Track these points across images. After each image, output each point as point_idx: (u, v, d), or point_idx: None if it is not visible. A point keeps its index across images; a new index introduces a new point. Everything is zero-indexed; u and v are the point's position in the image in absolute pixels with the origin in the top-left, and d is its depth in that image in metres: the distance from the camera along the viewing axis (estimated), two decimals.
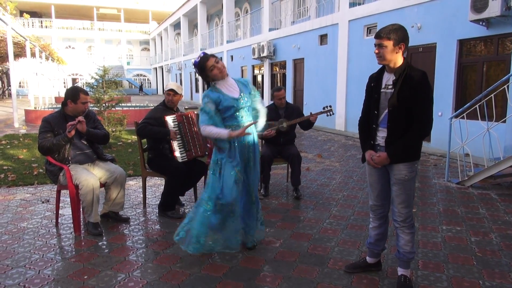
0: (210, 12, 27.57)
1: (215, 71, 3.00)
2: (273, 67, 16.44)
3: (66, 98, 3.68)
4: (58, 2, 41.09)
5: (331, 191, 5.10)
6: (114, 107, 8.92)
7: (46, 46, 23.35)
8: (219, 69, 3.01)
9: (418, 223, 3.88)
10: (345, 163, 6.91)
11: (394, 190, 2.58)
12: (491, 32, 7.03)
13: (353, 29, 10.91)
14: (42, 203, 4.54)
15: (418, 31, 8.53)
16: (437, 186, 5.34)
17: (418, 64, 8.63)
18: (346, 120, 11.42)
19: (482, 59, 7.48)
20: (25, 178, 5.64)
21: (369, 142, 2.66)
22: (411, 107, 2.43)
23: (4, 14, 12.79)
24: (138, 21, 47.02)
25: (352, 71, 11.01)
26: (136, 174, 5.92)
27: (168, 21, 35.20)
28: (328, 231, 3.71)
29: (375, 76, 2.65)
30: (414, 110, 2.42)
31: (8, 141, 9.14)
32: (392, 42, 2.42)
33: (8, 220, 3.98)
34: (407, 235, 2.61)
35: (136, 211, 4.29)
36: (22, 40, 16.22)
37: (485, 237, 3.54)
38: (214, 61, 3.01)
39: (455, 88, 7.88)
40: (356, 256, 3.15)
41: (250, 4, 21.35)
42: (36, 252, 3.22)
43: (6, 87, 32.69)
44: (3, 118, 15.58)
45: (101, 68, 8.61)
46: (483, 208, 4.36)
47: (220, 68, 3.01)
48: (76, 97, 3.65)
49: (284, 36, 14.80)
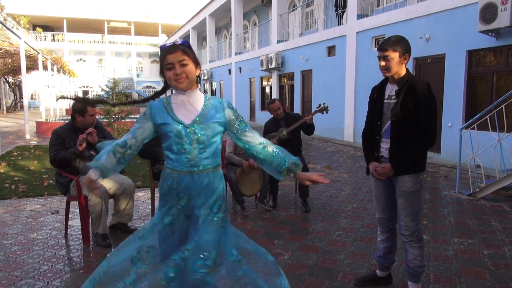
0: (218, 25, 27.89)
1: (169, 74, 1.91)
2: (281, 78, 16.50)
3: (74, 112, 3.72)
4: (70, 16, 41.97)
5: (340, 203, 5.05)
6: (124, 119, 9.01)
7: (58, 59, 23.75)
8: (178, 75, 1.89)
9: (429, 236, 3.82)
10: (354, 175, 6.86)
11: (400, 203, 2.55)
12: (501, 43, 6.99)
13: (361, 41, 10.94)
14: (51, 214, 4.57)
15: (427, 42, 8.51)
16: (448, 198, 5.27)
17: (427, 75, 8.60)
18: (355, 131, 11.37)
19: (492, 70, 7.43)
20: (35, 189, 5.69)
21: (373, 153, 2.64)
22: (414, 118, 2.41)
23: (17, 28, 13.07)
24: (148, 34, 47.71)
25: (360, 83, 11.00)
26: (145, 185, 5.94)
27: (177, 34, 35.68)
28: (337, 243, 3.66)
29: (378, 87, 2.65)
30: (417, 120, 2.41)
31: (20, 153, 9.26)
32: (398, 53, 2.42)
33: (18, 231, 4.01)
34: (415, 249, 2.57)
35: (144, 222, 4.29)
36: (35, 53, 16.54)
37: (498, 250, 3.47)
38: (176, 59, 1.89)
39: (465, 99, 7.82)
40: (366, 269, 3.10)
41: (258, 17, 21.57)
42: (45, 263, 3.23)
43: (18, 99, 33.23)
44: (15, 129, 15.81)
45: (111, 81, 8.73)
46: (495, 221, 4.28)
47: (179, 74, 1.89)
48: (83, 111, 3.69)
49: (292, 48, 14.88)
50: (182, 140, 1.92)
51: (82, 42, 44.47)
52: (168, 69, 1.90)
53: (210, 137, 1.96)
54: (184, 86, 1.93)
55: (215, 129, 1.97)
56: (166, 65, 1.90)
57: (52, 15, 41.35)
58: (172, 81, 1.92)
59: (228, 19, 23.84)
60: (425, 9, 8.58)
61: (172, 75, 1.90)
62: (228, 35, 26.24)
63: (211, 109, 1.98)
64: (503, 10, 6.43)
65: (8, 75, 27.40)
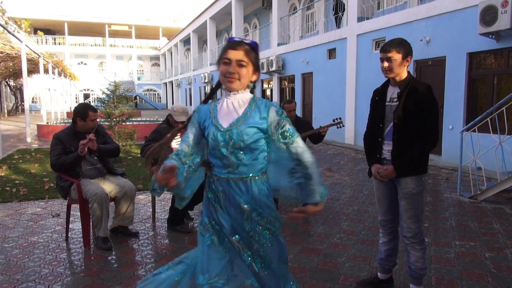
0: (219, 28, 27.96)
1: (223, 68, 1.81)
2: (282, 81, 16.52)
3: (75, 116, 3.72)
4: (71, 20, 42.13)
5: (341, 205, 5.05)
6: (125, 122, 9.02)
7: (59, 62, 23.82)
8: (231, 73, 1.79)
9: (431, 238, 3.81)
10: (355, 177, 6.86)
11: (402, 205, 2.55)
12: (501, 45, 6.99)
13: (362, 43, 10.95)
14: (52, 217, 4.57)
15: (427, 44, 8.52)
16: (449, 200, 5.26)
17: (427, 77, 8.61)
18: (356, 134, 11.37)
19: (492, 72, 7.43)
20: (36, 193, 5.69)
21: (375, 156, 2.65)
22: (416, 120, 2.42)
23: (19, 32, 13.12)
24: (148, 37, 47.84)
25: (361, 85, 11.01)
26: (146, 188, 5.94)
27: (178, 37, 35.76)
28: (339, 246, 3.66)
29: (380, 90, 2.66)
30: (419, 122, 2.42)
31: (21, 156, 9.27)
32: (401, 55, 2.44)
33: (19, 234, 4.01)
34: (417, 251, 2.57)
35: (145, 225, 4.29)
36: (36, 56, 16.58)
37: (500, 253, 3.46)
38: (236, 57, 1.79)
39: (466, 101, 7.81)
40: (367, 272, 3.10)
41: (259, 20, 21.62)
42: (46, 266, 3.23)
43: (19, 102, 33.32)
44: (16, 133, 15.83)
45: (112, 84, 8.74)
46: (497, 223, 4.27)
47: (232, 73, 1.79)
48: (85, 115, 3.70)
49: (292, 51, 14.90)
50: (219, 144, 1.81)
51: (83, 45, 44.61)
52: (224, 63, 1.80)
53: (249, 143, 1.79)
54: (233, 87, 1.81)
55: (255, 134, 1.80)
56: (224, 58, 1.80)
57: (53, 19, 41.52)
58: (222, 76, 1.82)
59: (229, 22, 23.90)
60: (426, 11, 8.59)
61: (225, 71, 1.80)
62: (229, 38, 26.28)
63: (253, 113, 1.82)
64: (503, 13, 6.44)
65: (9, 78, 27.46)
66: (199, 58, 30.63)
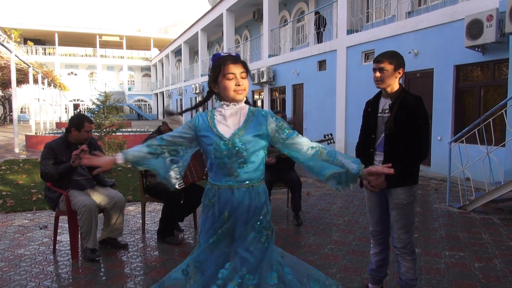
0: (210, 39, 28.09)
1: (229, 84, 1.88)
2: (273, 92, 16.61)
3: (71, 125, 3.70)
4: (62, 30, 42.02)
5: (331, 216, 5.05)
6: (115, 132, 8.97)
7: (49, 73, 23.67)
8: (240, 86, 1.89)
9: (421, 249, 3.83)
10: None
11: (393, 215, 2.57)
12: (487, 58, 7.14)
13: (351, 55, 11.09)
14: (40, 229, 4.49)
15: (415, 57, 8.67)
16: (438, 211, 5.30)
17: (416, 89, 8.73)
18: (346, 144, 11.44)
19: (479, 84, 7.57)
20: (23, 204, 5.59)
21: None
22: (408, 131, 2.45)
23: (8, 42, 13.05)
24: (139, 48, 47.86)
25: (351, 96, 11.12)
26: (136, 199, 5.89)
27: (169, 48, 35.82)
28: (329, 257, 3.65)
29: (372, 101, 2.70)
30: (410, 134, 2.45)
31: (8, 167, 9.13)
32: (393, 66, 2.48)
33: (5, 246, 3.93)
34: (408, 261, 2.58)
35: (135, 237, 4.24)
36: (26, 66, 16.47)
37: (489, 263, 3.49)
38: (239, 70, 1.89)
39: (453, 112, 7.93)
40: (358, 283, 3.09)
41: (250, 32, 21.79)
42: (32, 280, 3.16)
43: (8, 112, 32.95)
44: (4, 143, 15.62)
45: (103, 94, 8.71)
46: (485, 233, 4.31)
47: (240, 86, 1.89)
48: (80, 126, 3.68)
49: (283, 62, 15.03)
50: (222, 153, 1.87)
51: (73, 56, 44.42)
52: (229, 79, 1.87)
53: (251, 151, 1.88)
54: (241, 98, 1.92)
55: (256, 143, 1.89)
56: (227, 74, 1.87)
57: (44, 29, 41.38)
58: (231, 91, 1.88)
59: (220, 33, 24.03)
60: (413, 25, 8.75)
61: (233, 85, 1.88)
62: (220, 49, 26.43)
63: (253, 122, 1.92)
64: (488, 27, 6.60)
65: None
66: (190, 69, 30.68)
